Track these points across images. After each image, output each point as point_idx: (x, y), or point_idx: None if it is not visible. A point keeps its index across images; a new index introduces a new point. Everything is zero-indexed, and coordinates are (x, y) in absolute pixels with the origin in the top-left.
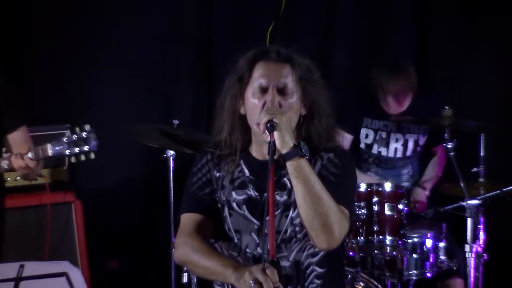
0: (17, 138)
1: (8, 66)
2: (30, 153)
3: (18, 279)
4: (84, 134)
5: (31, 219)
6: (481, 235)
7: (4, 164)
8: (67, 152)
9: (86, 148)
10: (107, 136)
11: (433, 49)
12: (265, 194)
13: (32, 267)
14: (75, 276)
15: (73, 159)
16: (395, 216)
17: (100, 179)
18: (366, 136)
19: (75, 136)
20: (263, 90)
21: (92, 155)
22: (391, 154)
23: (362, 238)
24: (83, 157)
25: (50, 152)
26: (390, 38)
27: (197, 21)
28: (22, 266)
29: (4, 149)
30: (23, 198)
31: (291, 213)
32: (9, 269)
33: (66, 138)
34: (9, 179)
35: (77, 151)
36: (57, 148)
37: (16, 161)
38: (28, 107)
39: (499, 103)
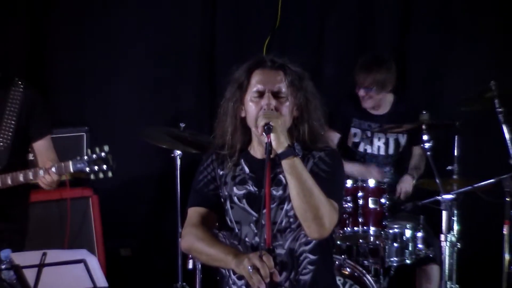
0: (42, 146)
1: (34, 76)
2: (54, 168)
3: (41, 266)
4: (103, 154)
5: (53, 212)
6: (455, 226)
7: (30, 175)
8: (87, 169)
9: (104, 167)
10: (120, 138)
11: (413, 60)
12: (263, 189)
13: (53, 255)
14: (92, 262)
15: (92, 176)
16: (378, 209)
17: (115, 176)
18: (355, 135)
19: (95, 155)
20: (260, 95)
21: (110, 174)
22: (375, 152)
23: (348, 228)
24: (101, 175)
25: (71, 168)
26: (374, 49)
27: (200, 35)
28: (44, 254)
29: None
30: (46, 193)
31: (285, 206)
32: (33, 256)
33: (87, 157)
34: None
35: (96, 169)
36: (78, 165)
37: (41, 174)
38: (52, 114)
39: (473, 106)
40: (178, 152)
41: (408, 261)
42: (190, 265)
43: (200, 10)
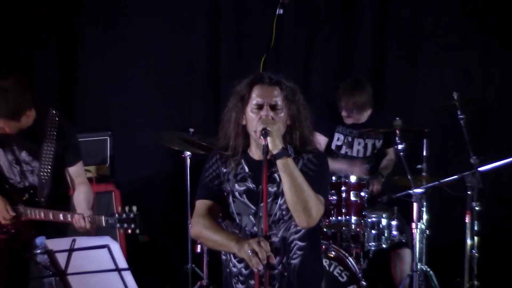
0: (74, 171)
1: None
2: (88, 217)
3: (71, 250)
4: (131, 215)
5: None
6: (424, 215)
7: (68, 217)
8: (117, 226)
9: (132, 226)
10: (138, 141)
11: (388, 75)
12: (260, 186)
13: (81, 241)
14: (115, 247)
15: (121, 231)
16: (358, 201)
17: (134, 174)
18: (338, 139)
19: (125, 215)
20: (259, 107)
21: (137, 231)
22: (354, 154)
23: (333, 218)
24: (129, 231)
25: (103, 223)
26: (355, 65)
27: (207, 54)
28: (74, 240)
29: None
30: None
31: (279, 201)
32: (64, 242)
33: (118, 216)
34: None
35: (125, 227)
36: (109, 222)
37: (78, 220)
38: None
39: (440, 113)
40: (188, 153)
41: (384, 246)
42: (198, 250)
43: (207, 32)
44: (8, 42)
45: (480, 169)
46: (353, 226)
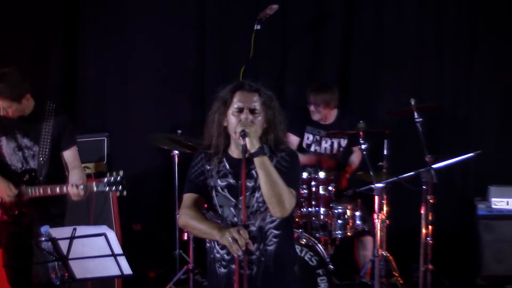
0: (69, 155)
1: (68, 94)
2: (82, 185)
3: (72, 238)
4: (118, 178)
5: None
6: (385, 207)
7: (64, 188)
8: (106, 189)
9: (120, 188)
10: (132, 141)
11: (353, 83)
12: (239, 182)
13: (81, 229)
14: (111, 235)
15: (110, 195)
16: (327, 194)
17: (128, 170)
18: (308, 138)
19: (113, 179)
20: (240, 110)
21: (124, 193)
22: (322, 151)
23: (304, 209)
24: (118, 194)
25: (94, 188)
26: (324, 75)
27: (194, 63)
28: (75, 229)
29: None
30: None
31: (256, 194)
32: (66, 231)
33: (106, 180)
34: None
35: (113, 189)
36: (99, 187)
37: (72, 189)
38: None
39: (399, 117)
40: (176, 152)
41: (349, 234)
42: (185, 237)
43: (194, 45)
44: (13, 47)
45: (434, 166)
46: (321, 217)
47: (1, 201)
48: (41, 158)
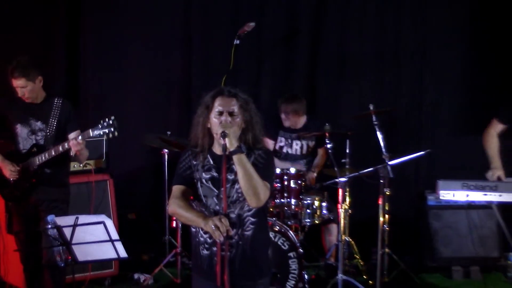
0: (73, 136)
1: (72, 97)
2: (80, 136)
3: (74, 226)
4: (110, 121)
5: (83, 190)
6: (347, 198)
7: (65, 144)
8: (101, 132)
9: (112, 129)
10: (128, 140)
11: (320, 88)
12: (221, 175)
13: (83, 218)
14: (109, 224)
15: (105, 137)
16: (297, 187)
17: (125, 167)
18: (281, 141)
19: (105, 123)
20: (220, 113)
21: (116, 134)
22: (293, 152)
23: (277, 200)
24: (111, 135)
25: (91, 133)
26: (294, 83)
27: (182, 74)
28: (77, 218)
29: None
30: (79, 177)
31: (236, 186)
32: (69, 219)
33: (100, 125)
34: (75, 166)
35: (107, 131)
36: (95, 131)
37: (72, 141)
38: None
39: (359, 120)
40: (166, 150)
41: (316, 221)
42: (174, 225)
43: (182, 57)
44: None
45: (390, 163)
46: (293, 207)
47: (12, 181)
48: (48, 134)
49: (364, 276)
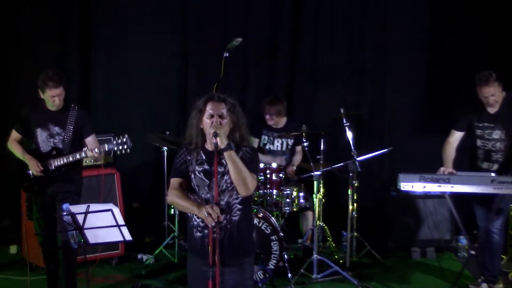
0: (90, 140)
1: (85, 103)
2: (96, 148)
3: (86, 213)
4: (124, 139)
5: (94, 182)
6: (321, 189)
7: (83, 153)
8: (115, 148)
9: (125, 147)
10: (132, 139)
11: (298, 94)
12: (212, 168)
13: (93, 206)
14: (116, 211)
15: (118, 152)
16: (278, 180)
17: (129, 162)
18: (264, 139)
19: (120, 140)
20: (211, 116)
21: (128, 151)
22: (274, 149)
23: (261, 191)
24: (123, 152)
25: (106, 148)
26: (276, 90)
27: (179, 80)
28: (88, 206)
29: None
30: (90, 171)
31: (225, 177)
32: (82, 207)
33: (115, 141)
34: (86, 162)
35: (120, 148)
36: (110, 146)
37: (90, 152)
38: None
39: (332, 122)
40: (165, 148)
41: (295, 209)
42: (172, 212)
43: (179, 66)
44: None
45: (358, 158)
46: (274, 197)
47: (32, 176)
48: (65, 138)
49: (335, 256)
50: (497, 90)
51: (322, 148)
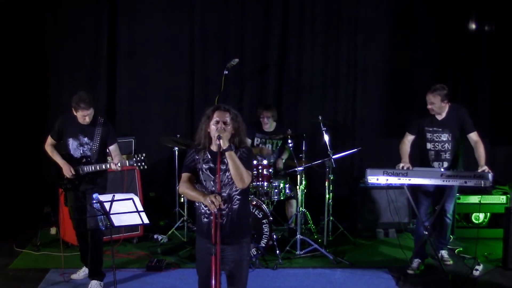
0: (113, 148)
1: (110, 111)
2: (119, 162)
3: (112, 201)
4: (142, 157)
5: (118, 176)
6: (303, 181)
7: (107, 165)
8: (134, 164)
9: (143, 163)
10: (150, 141)
11: (285, 103)
12: (216, 165)
13: (118, 196)
14: (136, 200)
15: (137, 168)
16: (268, 174)
17: (147, 160)
18: (257, 140)
19: (138, 157)
20: (217, 122)
21: (146, 167)
22: None
23: (254, 183)
24: (141, 168)
25: (127, 163)
26: (267, 100)
27: (188, 92)
28: (114, 195)
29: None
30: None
31: (227, 174)
32: (108, 196)
33: (134, 158)
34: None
35: (139, 165)
36: (130, 162)
37: (113, 166)
38: (116, 129)
39: (312, 126)
40: (176, 148)
41: (282, 198)
42: (182, 200)
43: (187, 81)
44: (72, 82)
45: (333, 157)
46: (265, 188)
47: (66, 177)
48: (93, 148)
49: (315, 236)
50: (438, 101)
51: (304, 148)
